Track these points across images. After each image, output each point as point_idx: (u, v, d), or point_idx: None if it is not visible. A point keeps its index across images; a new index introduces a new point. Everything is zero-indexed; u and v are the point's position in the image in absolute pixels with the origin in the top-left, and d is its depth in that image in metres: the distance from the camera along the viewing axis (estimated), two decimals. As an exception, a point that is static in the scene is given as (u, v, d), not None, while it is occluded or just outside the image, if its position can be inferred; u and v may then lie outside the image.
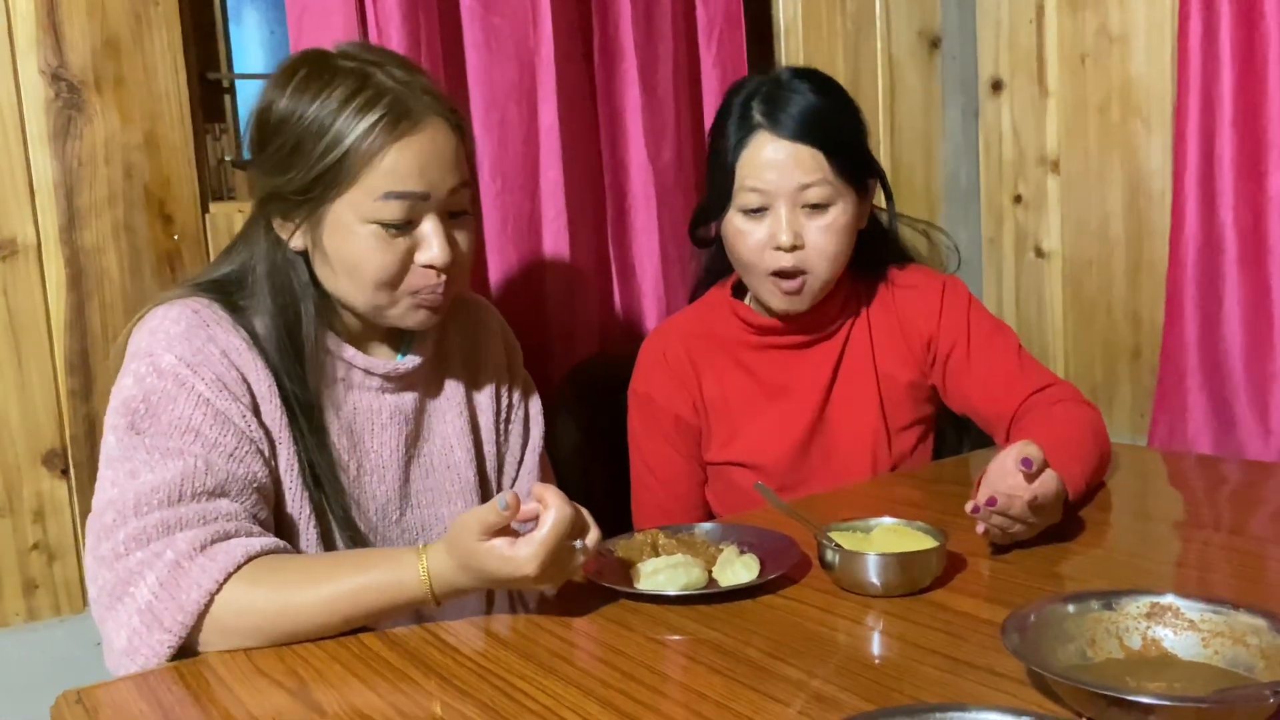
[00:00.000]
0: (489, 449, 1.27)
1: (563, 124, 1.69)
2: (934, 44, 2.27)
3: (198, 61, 1.56)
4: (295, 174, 1.05)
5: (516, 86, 1.67)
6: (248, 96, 1.67)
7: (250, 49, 1.71)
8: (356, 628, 0.94)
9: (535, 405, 1.34)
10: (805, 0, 2.09)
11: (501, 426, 1.30)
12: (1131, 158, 2.02)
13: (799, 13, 2.09)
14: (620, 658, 0.86)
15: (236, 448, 1.01)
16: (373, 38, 1.53)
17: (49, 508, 1.44)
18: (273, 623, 0.92)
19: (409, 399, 1.19)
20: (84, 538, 1.44)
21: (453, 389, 1.24)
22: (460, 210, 1.11)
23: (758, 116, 1.32)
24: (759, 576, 0.98)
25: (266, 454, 1.05)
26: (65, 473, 1.45)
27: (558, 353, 1.74)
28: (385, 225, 1.05)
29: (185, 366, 1.01)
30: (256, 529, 0.99)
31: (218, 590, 0.91)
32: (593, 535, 0.93)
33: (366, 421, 1.16)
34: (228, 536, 0.95)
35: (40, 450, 1.43)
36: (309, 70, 1.06)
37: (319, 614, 0.92)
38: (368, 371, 1.15)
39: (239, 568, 0.93)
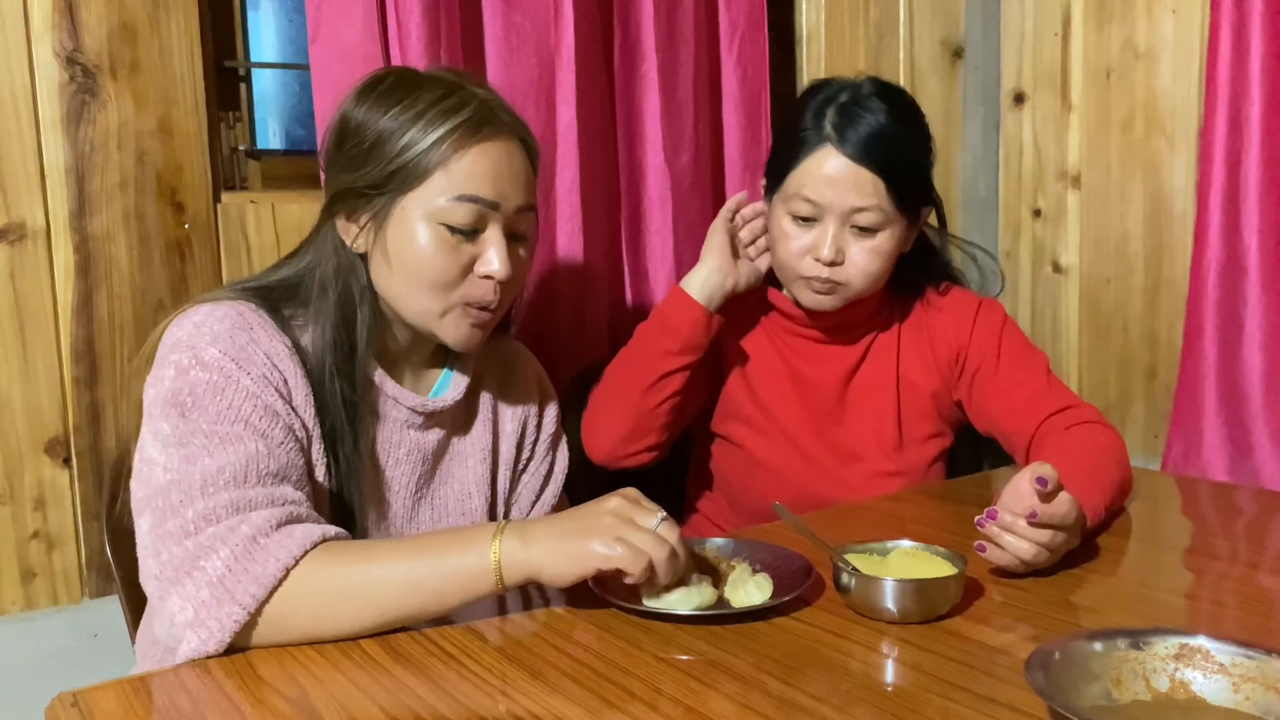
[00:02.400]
0: (502, 496, 1.26)
1: (580, 124, 1.67)
2: (957, 54, 2.24)
3: (214, 49, 1.54)
4: (371, 168, 1.05)
5: (536, 85, 1.65)
6: (264, 85, 1.65)
7: (268, 38, 1.69)
8: (432, 615, 0.93)
9: (561, 460, 1.33)
10: (828, 6, 2.07)
11: (517, 474, 1.28)
12: (1154, 175, 2.00)
13: (821, 18, 2.07)
14: (629, 678, 0.84)
15: (285, 439, 1.00)
16: (392, 30, 1.51)
17: (50, 496, 1.42)
18: (346, 601, 0.90)
19: (432, 438, 1.17)
20: (85, 529, 1.44)
21: (479, 433, 1.22)
22: (522, 235, 1.12)
23: (828, 127, 1.30)
24: (772, 598, 0.96)
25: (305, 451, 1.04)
26: (67, 461, 1.43)
27: (565, 355, 1.72)
28: (452, 229, 1.05)
29: (229, 360, 0.99)
30: (322, 518, 0.98)
31: (295, 565, 0.90)
32: (672, 531, 0.95)
33: (384, 453, 1.14)
34: (300, 520, 0.94)
35: (42, 438, 1.41)
36: (395, 80, 1.09)
37: (391, 589, 0.91)
38: (396, 401, 1.13)
39: (315, 545, 0.91)
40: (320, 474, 1.06)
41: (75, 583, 1.45)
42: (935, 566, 0.96)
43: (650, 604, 0.95)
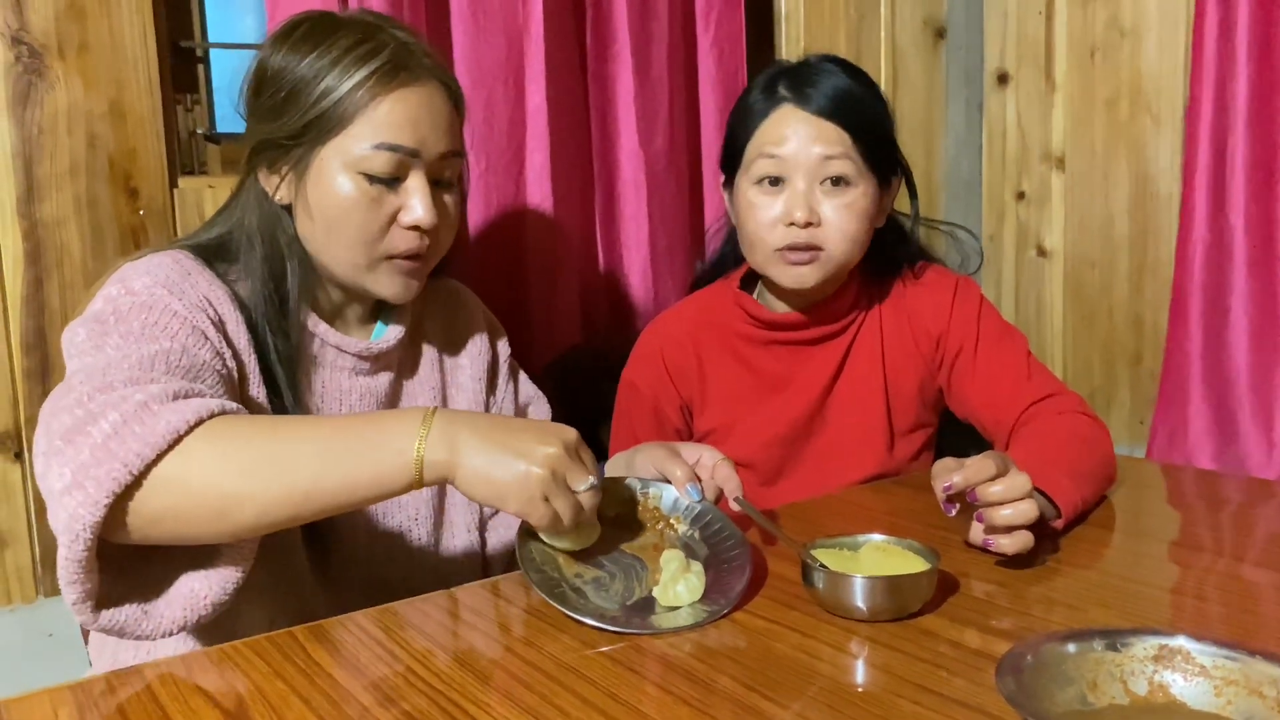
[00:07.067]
0: None
1: (551, 105, 1.62)
2: (939, 33, 2.20)
3: (169, 28, 1.49)
4: (288, 118, 1.02)
5: (504, 64, 1.60)
6: (223, 66, 1.59)
7: (226, 17, 1.63)
8: (338, 505, 0.86)
9: (526, 390, 1.33)
10: (808, -16, 2.02)
11: (487, 403, 1.27)
12: (1139, 156, 1.96)
13: (801, -4, 2.02)
14: (583, 683, 0.80)
15: (211, 359, 0.95)
16: (353, 6, 1.46)
17: (1, 493, 1.37)
18: (244, 471, 0.83)
19: (382, 381, 1.15)
20: (38, 526, 1.40)
21: (427, 372, 1.20)
22: (449, 181, 1.09)
23: (783, 91, 1.27)
24: (703, 600, 0.93)
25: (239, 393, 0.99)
26: (19, 456, 1.38)
27: (537, 343, 1.67)
28: (371, 179, 1.02)
29: (160, 288, 0.96)
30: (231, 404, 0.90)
31: (187, 432, 0.82)
32: (591, 500, 0.92)
33: (335, 403, 1.11)
34: (201, 395, 0.88)
35: (-9, 432, 1.36)
36: (312, 25, 1.05)
37: (298, 465, 0.84)
38: (340, 349, 1.11)
39: (212, 416, 0.85)
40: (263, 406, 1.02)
41: (29, 581, 1.41)
42: (908, 562, 0.93)
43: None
